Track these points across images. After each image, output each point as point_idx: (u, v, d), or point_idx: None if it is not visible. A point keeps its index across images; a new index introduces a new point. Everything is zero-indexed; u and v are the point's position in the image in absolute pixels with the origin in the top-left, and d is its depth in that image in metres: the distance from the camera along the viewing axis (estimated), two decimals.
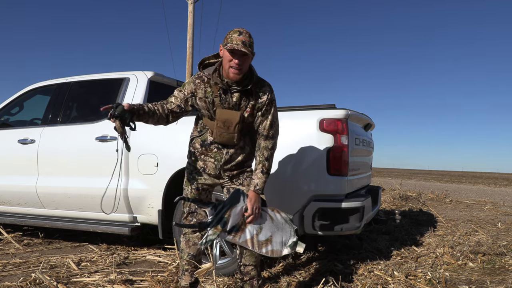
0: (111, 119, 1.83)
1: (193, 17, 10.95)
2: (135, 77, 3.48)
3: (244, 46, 1.89)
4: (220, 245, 2.88)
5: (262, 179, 2.06)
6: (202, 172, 2.17)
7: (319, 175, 2.66)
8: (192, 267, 2.24)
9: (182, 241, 2.26)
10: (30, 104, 4.16)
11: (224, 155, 2.10)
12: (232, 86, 2.02)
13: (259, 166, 2.07)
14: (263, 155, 2.08)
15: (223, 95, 2.04)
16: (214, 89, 2.04)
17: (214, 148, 2.12)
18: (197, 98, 2.08)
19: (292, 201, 2.71)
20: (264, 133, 2.09)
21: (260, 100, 2.07)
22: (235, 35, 1.91)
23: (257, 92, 2.07)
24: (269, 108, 2.09)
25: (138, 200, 3.19)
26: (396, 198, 7.94)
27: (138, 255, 3.45)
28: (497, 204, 8.05)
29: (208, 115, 2.10)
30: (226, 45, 1.93)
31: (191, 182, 2.20)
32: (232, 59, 1.92)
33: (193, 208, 2.21)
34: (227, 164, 2.12)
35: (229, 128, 2.01)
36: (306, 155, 2.70)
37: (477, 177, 31.46)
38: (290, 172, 2.73)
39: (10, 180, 3.75)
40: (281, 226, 2.12)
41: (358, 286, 2.64)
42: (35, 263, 3.16)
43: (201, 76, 2.11)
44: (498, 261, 3.25)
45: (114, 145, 3.24)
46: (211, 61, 2.14)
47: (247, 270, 2.18)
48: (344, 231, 2.69)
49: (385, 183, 13.48)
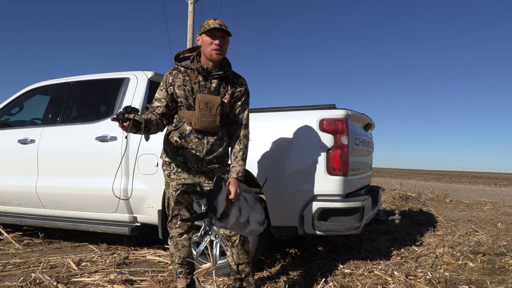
0: (124, 123, 1.83)
1: (193, 17, 10.95)
2: (135, 77, 3.48)
3: (222, 26, 2.01)
4: (220, 245, 2.88)
5: (243, 166, 2.13)
6: (181, 171, 2.13)
7: (319, 175, 2.66)
8: (185, 269, 2.24)
9: (170, 245, 2.24)
10: (30, 104, 4.16)
11: (206, 145, 2.09)
12: (212, 71, 2.08)
13: (240, 154, 2.13)
14: (243, 143, 2.16)
15: (202, 81, 2.09)
16: (192, 77, 2.09)
17: (194, 138, 2.09)
18: (176, 86, 2.10)
19: (292, 201, 2.71)
20: (243, 122, 2.18)
21: (239, 89, 2.16)
22: (211, 21, 2.04)
23: (235, 82, 2.17)
24: (246, 98, 2.20)
25: (138, 200, 3.19)
26: (396, 198, 7.94)
27: (138, 255, 3.45)
28: (497, 204, 8.05)
29: (186, 104, 2.09)
30: (204, 30, 2.02)
31: (171, 184, 2.16)
32: (212, 42, 2.02)
33: (177, 211, 2.19)
34: (209, 154, 2.11)
35: (212, 110, 2.04)
36: (306, 155, 2.70)
37: (477, 177, 31.47)
38: (290, 172, 2.73)
39: (10, 180, 3.74)
40: (253, 205, 2.20)
41: (358, 286, 2.64)
42: (35, 263, 3.16)
43: (177, 68, 2.15)
44: (498, 261, 3.25)
45: (114, 145, 3.24)
46: (186, 55, 2.19)
47: (241, 268, 2.25)
48: (344, 231, 2.70)
49: (385, 183, 13.47)
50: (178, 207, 2.19)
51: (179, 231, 2.21)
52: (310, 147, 2.68)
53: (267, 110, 2.89)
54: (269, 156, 2.74)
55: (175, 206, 2.18)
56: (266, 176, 2.65)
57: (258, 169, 2.75)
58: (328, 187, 2.66)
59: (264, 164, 2.73)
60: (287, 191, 2.73)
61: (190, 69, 2.10)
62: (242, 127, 2.17)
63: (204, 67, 2.08)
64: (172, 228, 2.22)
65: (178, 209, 2.19)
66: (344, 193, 2.69)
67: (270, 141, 2.75)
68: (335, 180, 2.65)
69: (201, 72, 2.09)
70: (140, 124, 1.87)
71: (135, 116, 1.85)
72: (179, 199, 2.17)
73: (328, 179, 2.65)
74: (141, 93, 3.39)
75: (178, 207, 2.19)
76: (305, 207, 2.66)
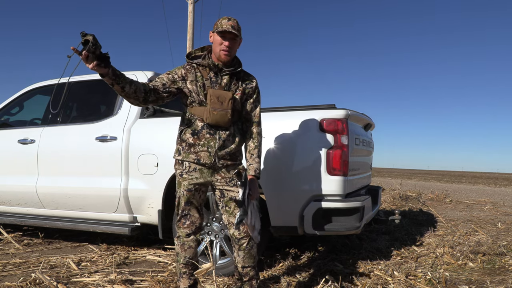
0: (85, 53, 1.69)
1: (193, 17, 10.96)
2: (135, 77, 3.48)
3: (233, 29, 2.04)
4: (220, 245, 2.88)
5: (259, 163, 2.18)
6: (193, 170, 2.12)
7: (319, 175, 2.66)
8: (189, 269, 2.23)
9: (177, 245, 2.23)
10: (30, 104, 4.16)
11: (218, 140, 2.09)
12: (223, 68, 2.12)
13: (255, 151, 2.17)
14: (257, 140, 2.19)
15: (214, 78, 2.12)
16: (204, 73, 2.12)
17: (206, 134, 2.09)
18: (188, 82, 2.11)
19: (292, 201, 2.71)
20: (255, 120, 2.21)
21: (250, 86, 2.20)
22: (224, 20, 2.07)
23: (245, 79, 2.20)
24: (258, 96, 2.24)
25: (138, 200, 3.19)
26: (396, 198, 7.94)
27: (138, 255, 3.45)
28: (497, 204, 8.05)
29: (198, 100, 2.10)
30: (216, 29, 2.06)
31: (183, 183, 2.15)
32: (222, 42, 2.06)
33: (187, 211, 2.19)
34: (221, 149, 2.10)
35: (223, 104, 2.06)
36: (306, 155, 2.70)
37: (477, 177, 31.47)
38: (290, 172, 2.73)
39: (10, 180, 3.74)
40: (257, 213, 2.20)
41: (358, 286, 2.64)
42: (35, 263, 3.16)
43: (190, 64, 2.17)
44: (498, 261, 3.25)
45: (114, 145, 3.24)
46: (198, 54, 2.21)
47: (246, 271, 2.20)
48: (344, 231, 2.70)
49: (385, 183, 13.48)
50: (188, 207, 2.17)
51: (186, 232, 2.19)
52: (310, 147, 2.68)
53: (267, 110, 2.89)
54: (269, 156, 2.74)
55: (186, 206, 2.17)
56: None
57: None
58: (328, 187, 2.65)
59: (264, 164, 2.73)
60: (287, 191, 2.73)
61: (202, 66, 2.14)
62: (255, 125, 2.20)
63: (215, 63, 2.12)
64: (180, 227, 2.20)
65: (188, 209, 2.18)
66: (344, 193, 2.69)
67: (270, 141, 2.75)
68: (335, 180, 2.65)
69: (212, 68, 2.12)
70: (109, 59, 1.74)
71: (102, 52, 1.70)
72: (191, 199, 2.16)
73: (328, 179, 2.65)
74: None
75: (188, 207, 2.17)
76: (305, 207, 2.66)
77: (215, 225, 2.90)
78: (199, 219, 2.21)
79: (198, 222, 2.21)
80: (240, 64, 2.19)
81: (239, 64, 2.19)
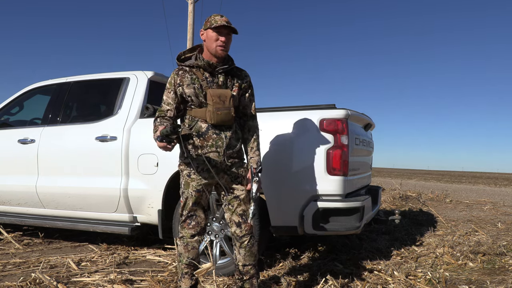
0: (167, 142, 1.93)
1: (193, 17, 10.96)
2: (135, 77, 3.49)
3: (229, 24, 2.06)
4: (220, 245, 2.88)
5: (259, 156, 2.22)
6: (201, 171, 2.12)
7: (319, 175, 2.66)
8: (191, 270, 2.23)
9: (180, 245, 2.21)
10: (30, 104, 4.16)
11: (225, 139, 2.11)
12: (218, 66, 2.12)
13: (255, 144, 2.22)
14: (255, 133, 2.24)
15: (210, 77, 2.13)
16: (199, 74, 2.12)
17: (212, 135, 2.09)
18: (185, 86, 2.11)
19: (292, 201, 2.71)
20: (252, 113, 2.26)
21: (246, 80, 2.23)
22: (217, 17, 2.08)
23: (239, 74, 2.22)
24: (252, 90, 2.28)
25: (138, 200, 3.19)
26: (396, 198, 7.94)
27: (138, 255, 3.45)
28: (497, 204, 8.05)
29: (197, 102, 2.10)
30: (211, 26, 2.06)
31: (191, 184, 2.14)
32: (218, 38, 2.07)
33: (193, 212, 2.18)
34: (229, 149, 2.12)
35: (225, 103, 2.07)
36: (306, 155, 2.69)
37: (477, 177, 31.46)
38: (290, 172, 2.73)
39: (10, 180, 3.75)
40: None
41: (358, 286, 2.64)
42: (35, 263, 3.16)
43: (182, 68, 2.17)
44: (498, 261, 3.25)
45: (114, 145, 3.24)
46: (188, 55, 2.21)
47: (246, 269, 2.20)
48: (344, 231, 2.70)
49: (385, 183, 13.48)
50: (196, 208, 2.17)
51: (191, 232, 2.18)
52: (310, 147, 2.68)
53: (266, 110, 2.89)
54: (269, 156, 2.73)
55: (193, 207, 2.16)
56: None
57: None
58: (328, 187, 2.66)
59: (264, 164, 2.72)
60: (287, 191, 2.73)
61: (195, 68, 2.13)
62: (251, 119, 2.25)
63: (210, 62, 2.11)
64: (185, 228, 2.18)
65: (195, 210, 2.17)
66: (344, 193, 2.69)
67: (270, 141, 2.75)
68: (335, 180, 2.65)
69: (207, 68, 2.12)
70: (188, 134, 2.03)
71: (181, 130, 1.94)
72: (199, 199, 2.15)
73: (328, 179, 2.65)
74: (141, 93, 3.39)
75: (196, 208, 2.17)
76: (305, 207, 2.66)
77: (215, 225, 2.90)
78: (204, 220, 2.21)
79: (203, 223, 2.21)
80: (232, 60, 2.21)
81: (232, 61, 2.21)
